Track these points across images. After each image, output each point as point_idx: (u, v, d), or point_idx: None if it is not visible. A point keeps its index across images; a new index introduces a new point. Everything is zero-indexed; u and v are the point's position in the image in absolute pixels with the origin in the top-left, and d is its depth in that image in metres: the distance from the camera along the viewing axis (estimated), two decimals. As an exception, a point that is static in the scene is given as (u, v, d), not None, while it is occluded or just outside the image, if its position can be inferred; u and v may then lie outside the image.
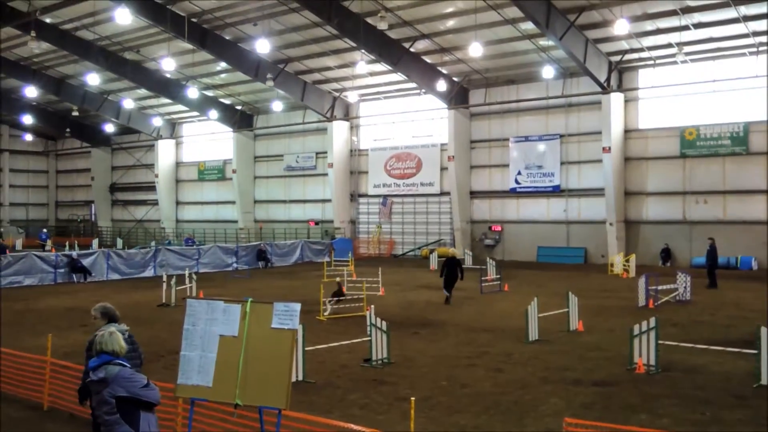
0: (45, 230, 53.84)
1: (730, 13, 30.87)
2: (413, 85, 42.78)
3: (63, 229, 68.30)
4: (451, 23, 36.22)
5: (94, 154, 66.79)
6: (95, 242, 50.84)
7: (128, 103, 53.57)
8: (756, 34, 32.14)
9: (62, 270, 30.79)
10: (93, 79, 47.05)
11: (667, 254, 36.14)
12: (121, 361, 6.23)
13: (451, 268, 23.10)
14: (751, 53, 33.56)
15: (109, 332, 6.41)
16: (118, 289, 28.02)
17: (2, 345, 12.93)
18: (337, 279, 23.70)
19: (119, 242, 52.07)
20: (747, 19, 31.10)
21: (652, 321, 13.02)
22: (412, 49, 38.92)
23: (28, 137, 68.94)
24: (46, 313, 21.30)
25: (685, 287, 22.49)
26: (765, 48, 33.04)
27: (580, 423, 7.54)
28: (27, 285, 28.85)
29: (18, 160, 70.27)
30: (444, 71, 41.32)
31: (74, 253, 32.62)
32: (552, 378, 12.55)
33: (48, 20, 42.00)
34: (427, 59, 40.36)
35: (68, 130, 64.06)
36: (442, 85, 40.40)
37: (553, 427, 9.45)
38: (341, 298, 20.85)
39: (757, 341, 11.74)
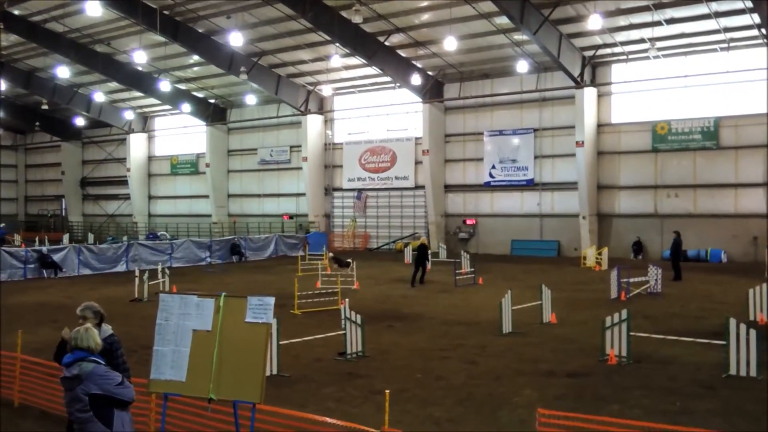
0: (2, 225, 52.96)
1: (701, 9, 31.24)
2: (388, 78, 42.75)
3: (33, 224, 67.37)
4: (425, 17, 36.24)
5: (64, 148, 65.91)
6: (66, 237, 50.17)
7: (99, 97, 52.98)
8: (727, 30, 32.56)
9: (32, 265, 30.35)
10: (63, 72, 46.56)
11: (638, 247, 36.55)
12: (95, 358, 6.06)
13: (422, 252, 26.30)
14: (722, 49, 33.99)
15: (85, 328, 6.23)
16: (89, 284, 27.71)
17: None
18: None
19: (90, 237, 51.43)
20: (718, 15, 31.49)
21: (624, 313, 13.17)
22: (386, 43, 38.91)
23: (-3, 131, 67.92)
24: (15, 309, 20.99)
25: (656, 280, 22.75)
26: (735, 44, 33.48)
27: (552, 414, 7.60)
28: (-4, 280, 28.45)
29: (-13, 155, 69.20)
30: (419, 65, 41.35)
31: (44, 249, 32.19)
32: (525, 370, 12.64)
33: (17, 12, 41.42)
34: (402, 53, 40.36)
35: (38, 123, 63.19)
36: (416, 79, 40.43)
37: (527, 418, 9.52)
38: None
39: (726, 332, 11.92)
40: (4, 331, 16.29)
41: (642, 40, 34.33)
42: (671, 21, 32.51)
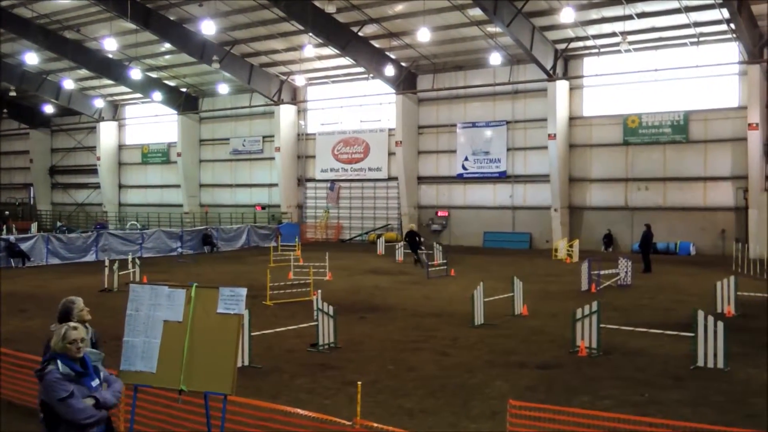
0: None
1: (672, 3, 31.56)
2: (361, 69, 42.64)
3: (0, 212, 66.26)
4: (399, 8, 36.19)
5: (32, 135, 64.87)
6: (34, 226, 49.46)
7: (69, 84, 52.15)
8: (697, 24, 32.92)
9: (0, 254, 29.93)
10: (31, 58, 45.76)
11: (609, 240, 36.92)
12: (61, 361, 5.47)
13: (411, 238, 29.84)
14: (692, 43, 34.38)
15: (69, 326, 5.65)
16: (58, 274, 27.38)
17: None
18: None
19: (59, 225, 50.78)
20: (688, 9, 31.83)
21: (594, 305, 13.29)
22: (360, 34, 38.79)
23: (-37, 118, 66.64)
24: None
25: (626, 272, 23.00)
26: (705, 38, 33.87)
27: (523, 405, 7.65)
28: (-38, 270, 27.99)
29: (-48, 142, 67.89)
30: (392, 56, 41.29)
31: (12, 237, 31.71)
32: (497, 361, 12.72)
33: (-17, -4, 40.60)
34: (376, 44, 40.28)
35: (5, 110, 62.12)
36: (390, 70, 40.36)
37: (498, 409, 9.58)
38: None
39: (694, 324, 12.08)
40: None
41: (614, 34, 34.60)
42: (642, 15, 32.79)
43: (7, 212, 60.20)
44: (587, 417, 7.27)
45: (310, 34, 38.32)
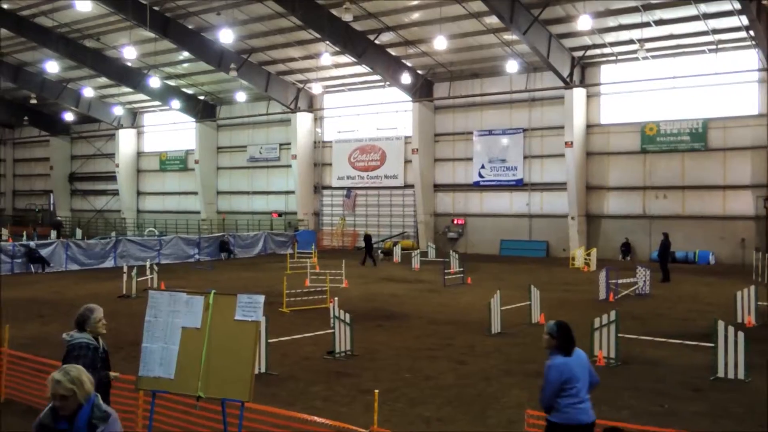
0: None
1: (690, 10, 31.38)
2: (378, 77, 42.72)
3: (20, 218, 66.97)
4: (415, 16, 36.24)
5: (53, 143, 65.53)
6: (54, 232, 49.90)
7: (88, 92, 52.64)
8: (715, 31, 32.71)
9: (20, 260, 30.20)
10: (52, 66, 46.26)
11: (627, 248, 36.67)
12: (47, 411, 4.83)
13: (367, 241, 34.33)
14: (710, 51, 34.15)
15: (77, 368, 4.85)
16: (77, 279, 27.57)
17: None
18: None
19: (78, 232, 51.22)
20: (707, 16, 31.63)
21: (613, 314, 13.20)
22: (376, 42, 38.87)
23: (-16, 125, 67.46)
24: (2, 304, 20.83)
25: (644, 281, 22.83)
26: (724, 46, 33.65)
27: (541, 415, 7.60)
28: (-18, 276, 28.25)
29: (-26, 149, 68.71)
30: (408, 64, 41.34)
31: (32, 243, 32.00)
32: (514, 370, 12.66)
33: (6, 6, 41.11)
34: (392, 52, 40.34)
35: (26, 118, 62.73)
36: (406, 78, 40.40)
37: (515, 418, 9.53)
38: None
39: (714, 335, 11.97)
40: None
41: (631, 41, 34.45)
42: (660, 22, 32.64)
43: (60, 217, 60.93)
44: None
45: (327, 42, 38.45)
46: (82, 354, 6.90)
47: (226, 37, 36.80)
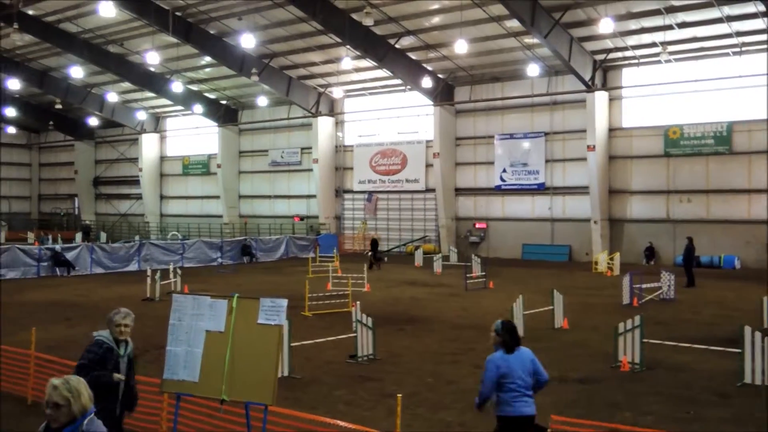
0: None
1: (713, 13, 31.09)
2: (398, 81, 42.77)
3: (46, 222, 67.77)
4: (436, 20, 36.24)
5: (77, 147, 66.28)
6: (78, 236, 50.43)
7: (112, 97, 53.17)
8: (739, 34, 32.40)
9: (45, 263, 30.57)
10: (76, 72, 46.80)
11: (650, 253, 36.36)
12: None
13: (374, 246, 34.92)
14: (734, 53, 33.82)
15: (78, 379, 4.53)
16: (102, 283, 27.84)
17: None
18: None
19: (102, 236, 51.70)
20: (730, 19, 31.34)
21: (637, 319, 13.08)
22: (397, 46, 38.90)
23: (11, 130, 68.23)
24: (29, 307, 21.12)
25: (669, 286, 22.62)
26: (748, 48, 33.31)
27: (565, 420, 7.57)
28: (10, 278, 28.59)
29: (0, 153, 69.54)
30: (429, 68, 41.34)
31: (58, 247, 32.36)
32: (537, 375, 12.57)
33: (31, 12, 41.62)
34: (413, 56, 40.36)
35: (51, 122, 63.56)
36: (427, 82, 40.40)
37: (538, 424, 9.46)
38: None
39: (741, 340, 11.84)
40: (12, 328, 16.37)
41: (653, 44, 34.21)
42: (683, 25, 32.37)
43: (88, 222, 61.67)
44: (630, 433, 7.17)
45: (348, 46, 38.55)
46: (93, 350, 6.95)
47: (247, 41, 37.03)
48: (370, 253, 34.81)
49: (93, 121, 61.04)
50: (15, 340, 14.04)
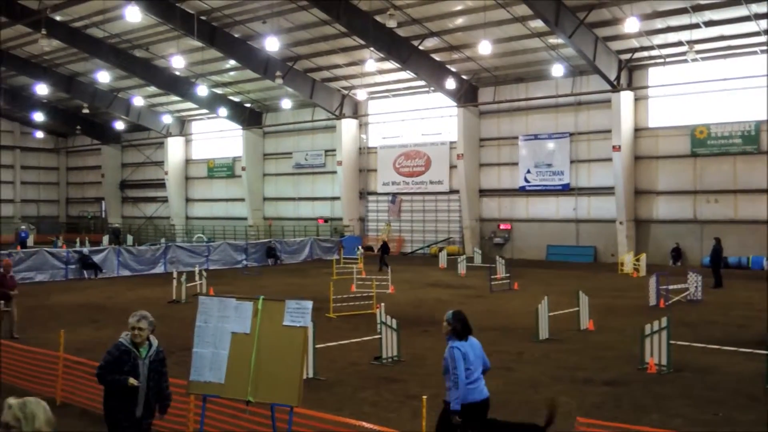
0: (24, 227, 53.78)
1: (740, 11, 30.71)
2: (422, 83, 42.75)
3: (74, 225, 68.63)
4: (460, 21, 36.17)
5: (104, 151, 67.07)
6: (105, 239, 51.01)
7: (138, 101, 53.74)
8: (767, 32, 31.95)
9: (73, 266, 30.95)
10: (103, 76, 47.35)
11: (677, 253, 35.99)
12: None
13: (384, 249, 35.12)
14: (762, 51, 33.34)
15: (37, 401, 3.81)
16: (128, 285, 28.13)
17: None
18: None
19: (129, 239, 52.27)
20: (758, 17, 30.92)
21: (664, 321, 12.97)
22: (421, 47, 38.89)
23: (39, 134, 69.26)
24: (57, 309, 21.40)
25: (696, 287, 22.39)
26: (777, 46, 32.87)
27: (592, 423, 7.52)
28: (38, 281, 28.99)
29: (29, 157, 70.60)
30: (453, 69, 41.27)
31: (85, 250, 32.75)
32: (562, 377, 12.52)
33: (58, 18, 42.17)
34: (436, 57, 40.32)
35: (79, 127, 64.36)
36: (451, 83, 40.33)
37: (564, 426, 9.41)
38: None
39: (770, 341, 11.68)
40: (40, 330, 16.61)
41: (680, 43, 33.87)
42: (710, 23, 32.02)
43: (117, 224, 62.48)
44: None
45: (372, 48, 38.60)
46: (110, 352, 7.06)
47: (271, 45, 37.22)
48: (380, 251, 35.36)
49: (119, 125, 61.72)
50: (43, 342, 14.25)
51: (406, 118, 46.53)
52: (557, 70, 36.97)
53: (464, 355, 7.31)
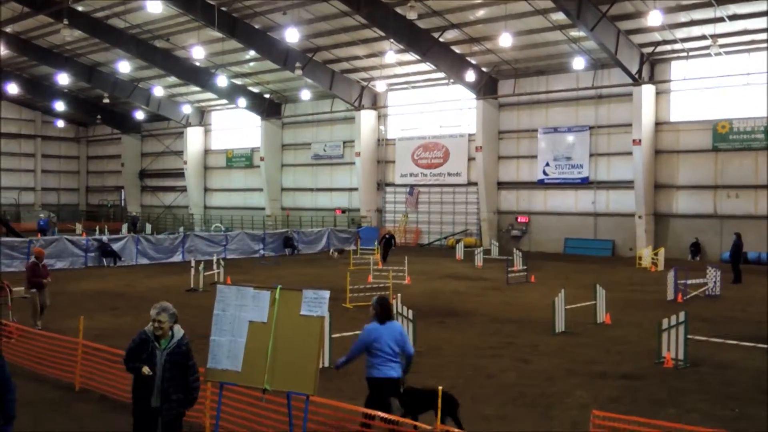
0: (42, 216, 54.41)
1: (765, 5, 30.27)
2: (441, 74, 42.63)
3: (93, 213, 69.26)
4: (480, 13, 36.00)
5: (124, 140, 67.59)
6: (125, 227, 51.39)
7: (158, 91, 54.04)
8: (792, 26, 31.55)
9: (93, 254, 31.25)
10: (124, 66, 47.71)
11: (696, 248, 35.71)
12: None
13: (387, 242, 34.34)
14: (786, 45, 32.96)
15: None
16: (147, 273, 28.36)
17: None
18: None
19: (148, 227, 52.63)
20: (783, 10, 30.53)
21: (682, 315, 12.90)
22: (441, 39, 38.76)
23: (60, 123, 69.87)
24: (76, 296, 21.63)
25: (714, 282, 22.23)
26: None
27: (607, 416, 7.51)
28: (58, 268, 29.25)
29: (50, 146, 71.33)
30: (473, 61, 41.11)
31: (104, 238, 33.04)
32: (578, 370, 12.50)
33: (80, 8, 42.46)
34: (456, 49, 40.18)
35: (99, 116, 64.92)
36: (470, 76, 40.19)
37: (579, 419, 9.42)
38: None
39: (789, 337, 11.60)
40: (60, 317, 16.79)
41: (703, 37, 33.51)
42: (733, 17, 31.64)
43: (136, 212, 63.03)
44: (674, 431, 7.09)
45: (392, 40, 38.53)
46: (133, 340, 7.20)
47: (291, 36, 37.26)
48: (382, 243, 34.57)
49: (139, 115, 62.15)
50: (63, 328, 14.42)
51: (424, 110, 46.45)
52: (578, 63, 36.74)
53: (375, 337, 8.16)
